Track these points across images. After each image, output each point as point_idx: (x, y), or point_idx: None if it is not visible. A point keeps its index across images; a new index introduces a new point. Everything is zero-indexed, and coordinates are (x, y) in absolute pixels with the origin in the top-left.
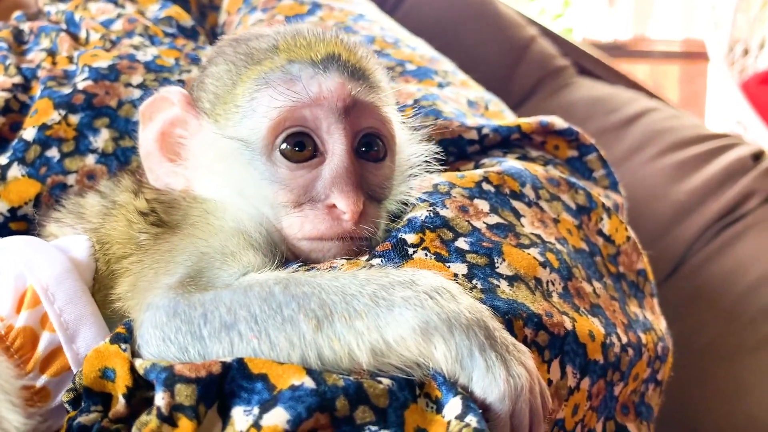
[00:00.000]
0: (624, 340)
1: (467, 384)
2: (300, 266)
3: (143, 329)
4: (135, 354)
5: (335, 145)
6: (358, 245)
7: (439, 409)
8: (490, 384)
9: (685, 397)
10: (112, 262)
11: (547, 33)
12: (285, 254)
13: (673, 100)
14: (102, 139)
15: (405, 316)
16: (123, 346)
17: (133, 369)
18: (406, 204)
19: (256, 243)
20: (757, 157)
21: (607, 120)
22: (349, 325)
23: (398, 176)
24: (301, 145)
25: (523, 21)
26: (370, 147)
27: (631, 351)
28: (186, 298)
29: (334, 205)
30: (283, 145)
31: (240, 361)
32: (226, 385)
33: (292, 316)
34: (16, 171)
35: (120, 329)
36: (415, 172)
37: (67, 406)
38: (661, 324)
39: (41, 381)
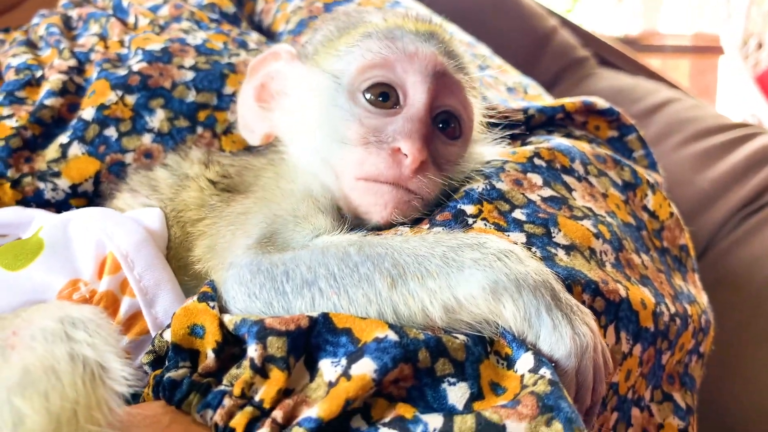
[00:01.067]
0: (672, 310)
1: (535, 342)
2: (368, 232)
3: (228, 286)
4: (221, 311)
5: (416, 98)
6: (410, 199)
7: (510, 365)
8: (557, 341)
9: (711, 381)
10: (187, 226)
11: (567, 24)
12: (349, 219)
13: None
14: (158, 119)
15: (475, 276)
16: (211, 303)
17: (221, 325)
18: (465, 181)
19: (324, 207)
20: None
21: (630, 110)
22: (422, 284)
23: (465, 163)
24: (385, 96)
25: (544, 12)
26: (447, 124)
27: (678, 321)
28: (267, 257)
29: (398, 150)
30: (368, 94)
31: (325, 316)
32: (312, 338)
33: (368, 274)
34: (76, 149)
35: (205, 288)
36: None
37: (146, 367)
38: (703, 298)
39: (122, 343)
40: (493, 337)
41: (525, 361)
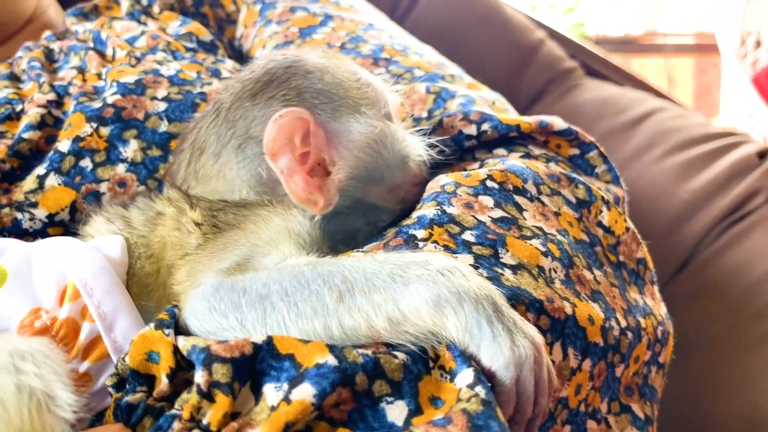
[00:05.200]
0: (623, 324)
1: (476, 352)
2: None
3: (193, 301)
4: (181, 329)
5: None
6: None
7: (452, 379)
8: (495, 353)
9: (693, 388)
10: (164, 261)
11: (555, 35)
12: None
13: (684, 96)
14: (131, 149)
15: (419, 290)
16: (166, 331)
17: (175, 352)
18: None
19: (303, 241)
20: (763, 155)
21: (615, 120)
22: (368, 298)
23: None
24: None
25: (532, 24)
26: None
27: (630, 334)
28: (231, 278)
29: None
30: None
31: (269, 342)
32: (257, 364)
33: (317, 290)
34: (52, 180)
35: (163, 315)
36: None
37: (110, 389)
38: (661, 309)
39: (84, 367)
40: (438, 352)
41: (465, 376)
